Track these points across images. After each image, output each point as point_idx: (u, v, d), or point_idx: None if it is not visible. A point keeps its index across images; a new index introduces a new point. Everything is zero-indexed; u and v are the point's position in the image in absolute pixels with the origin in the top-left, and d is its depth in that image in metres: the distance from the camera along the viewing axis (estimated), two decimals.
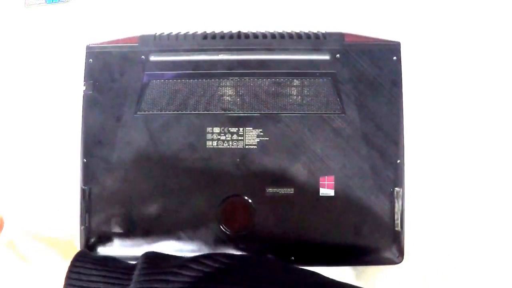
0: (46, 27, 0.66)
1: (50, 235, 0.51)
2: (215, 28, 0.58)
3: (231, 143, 0.55)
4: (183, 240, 0.54)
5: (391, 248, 0.55)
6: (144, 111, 0.55)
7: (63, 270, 0.45)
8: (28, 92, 0.65)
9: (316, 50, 0.56)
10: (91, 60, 0.57)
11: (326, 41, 0.56)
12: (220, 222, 0.54)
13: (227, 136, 0.55)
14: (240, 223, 0.54)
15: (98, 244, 0.55)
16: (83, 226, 0.55)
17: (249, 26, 0.58)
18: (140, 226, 0.55)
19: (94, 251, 0.55)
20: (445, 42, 0.64)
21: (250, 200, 0.54)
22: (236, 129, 0.55)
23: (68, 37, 0.65)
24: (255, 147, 0.55)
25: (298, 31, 0.57)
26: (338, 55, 0.55)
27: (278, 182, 0.54)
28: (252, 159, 0.54)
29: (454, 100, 0.64)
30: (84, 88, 0.56)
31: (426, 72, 0.64)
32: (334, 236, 0.54)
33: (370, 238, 0.54)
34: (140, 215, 0.55)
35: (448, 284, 0.61)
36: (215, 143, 0.55)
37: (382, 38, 0.57)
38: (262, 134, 0.55)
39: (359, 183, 0.54)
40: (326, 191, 0.54)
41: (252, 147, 0.55)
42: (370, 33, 0.57)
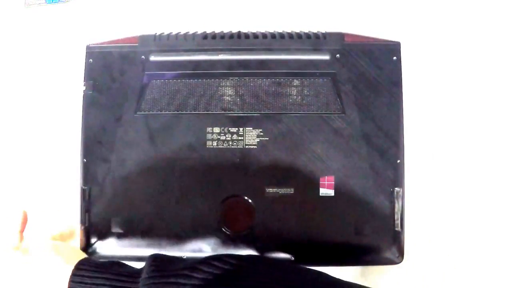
0: (46, 27, 0.66)
1: (53, 230, 0.51)
2: (215, 28, 0.58)
3: (231, 143, 0.55)
4: (183, 240, 0.54)
5: (391, 248, 0.55)
6: (144, 111, 0.55)
7: (66, 275, 0.45)
8: (28, 92, 0.65)
9: (316, 50, 0.56)
10: (91, 60, 0.57)
11: (326, 41, 0.56)
12: (220, 222, 0.54)
13: (227, 136, 0.55)
14: (240, 223, 0.54)
15: (98, 244, 0.55)
16: (83, 226, 0.55)
17: (249, 26, 0.58)
18: (140, 226, 0.55)
19: (94, 251, 0.55)
20: (445, 42, 0.64)
21: (250, 200, 0.54)
22: (236, 129, 0.55)
23: (68, 37, 0.66)
24: (255, 147, 0.55)
25: (298, 31, 0.57)
26: (338, 55, 0.55)
27: (278, 182, 0.54)
28: (252, 159, 0.54)
29: (454, 100, 0.64)
30: (84, 88, 0.56)
31: (426, 72, 0.64)
32: (334, 236, 0.54)
33: (370, 238, 0.54)
34: (140, 215, 0.55)
35: (448, 284, 0.61)
36: (215, 143, 0.55)
37: (382, 38, 0.57)
38: (262, 134, 0.55)
39: (359, 183, 0.54)
40: (326, 191, 0.54)
41: (252, 147, 0.55)
42: (370, 33, 0.57)
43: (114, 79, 0.56)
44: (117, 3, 0.66)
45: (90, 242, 0.55)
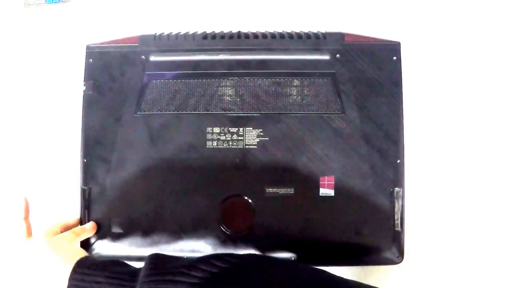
0: (46, 27, 0.66)
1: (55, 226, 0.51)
2: (215, 28, 0.58)
3: (231, 143, 0.55)
4: (183, 240, 0.54)
5: (391, 248, 0.55)
6: (144, 111, 0.55)
7: (66, 273, 0.45)
8: (28, 92, 0.65)
9: (316, 50, 0.56)
10: (91, 60, 0.57)
11: (326, 41, 0.56)
12: (220, 222, 0.54)
13: (227, 136, 0.55)
14: (240, 223, 0.54)
15: (98, 244, 0.55)
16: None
17: (249, 26, 0.58)
18: (140, 226, 0.55)
19: (94, 250, 0.55)
20: (445, 42, 0.64)
21: (250, 200, 0.54)
22: (236, 129, 0.55)
23: (68, 37, 0.66)
24: (255, 147, 0.55)
25: (298, 31, 0.57)
26: (338, 55, 0.55)
27: (278, 182, 0.54)
28: (252, 159, 0.54)
29: (454, 100, 0.64)
30: (84, 88, 0.56)
31: (426, 72, 0.64)
32: (334, 236, 0.54)
33: (370, 238, 0.54)
34: (140, 215, 0.55)
35: (448, 284, 0.61)
36: (215, 143, 0.55)
37: (382, 38, 0.57)
38: (262, 134, 0.55)
39: (359, 183, 0.54)
40: (326, 191, 0.54)
41: (252, 147, 0.55)
42: (370, 33, 0.57)
43: (114, 79, 0.56)
44: (117, 3, 0.66)
45: (90, 242, 0.55)
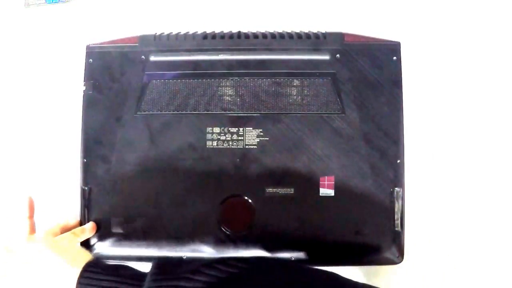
0: (46, 27, 0.66)
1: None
2: (215, 28, 0.58)
3: (231, 143, 0.55)
4: (183, 239, 0.54)
5: (391, 248, 0.55)
6: (144, 111, 0.55)
7: (73, 277, 0.45)
8: (28, 92, 0.65)
9: (316, 50, 0.56)
10: (91, 60, 0.57)
11: (326, 41, 0.56)
12: (220, 222, 0.54)
13: (227, 136, 0.55)
14: (240, 223, 0.54)
15: (98, 244, 0.55)
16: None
17: (249, 26, 0.58)
18: (140, 226, 0.55)
19: (94, 251, 0.55)
20: (445, 42, 0.64)
21: (250, 200, 0.54)
22: (236, 129, 0.55)
23: (68, 37, 0.65)
24: (255, 147, 0.55)
25: (298, 31, 0.57)
26: (338, 55, 0.55)
27: (278, 182, 0.54)
28: (252, 159, 0.54)
29: (454, 100, 0.64)
30: (84, 88, 0.56)
31: (426, 72, 0.64)
32: (334, 236, 0.54)
33: (370, 238, 0.54)
34: (140, 215, 0.55)
35: (448, 284, 0.61)
36: (215, 143, 0.55)
37: (382, 38, 0.57)
38: (262, 134, 0.55)
39: (359, 183, 0.54)
40: (326, 191, 0.54)
41: (252, 147, 0.55)
42: (370, 33, 0.57)
43: (114, 79, 0.56)
44: (117, 3, 0.66)
45: (90, 242, 0.55)
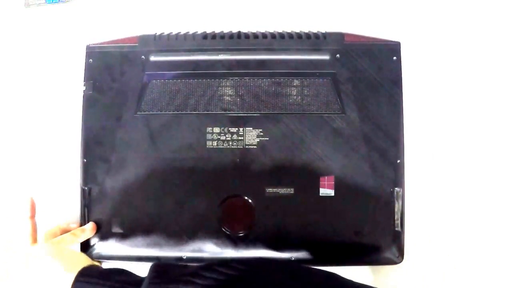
0: (46, 27, 0.66)
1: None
2: (215, 28, 0.58)
3: (231, 143, 0.55)
4: (183, 239, 0.54)
5: (391, 248, 0.55)
6: (144, 111, 0.55)
7: (68, 282, 0.45)
8: (28, 92, 0.65)
9: (316, 50, 0.56)
10: (91, 60, 0.57)
11: (326, 41, 0.56)
12: (220, 222, 0.54)
13: (227, 136, 0.55)
14: (240, 223, 0.54)
15: (98, 244, 0.55)
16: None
17: (249, 26, 0.58)
18: (140, 226, 0.55)
19: (94, 251, 0.55)
20: (445, 42, 0.64)
21: (250, 200, 0.54)
22: (236, 129, 0.55)
23: (68, 37, 0.65)
24: (255, 147, 0.55)
25: (298, 31, 0.57)
26: (338, 55, 0.55)
27: (278, 182, 0.54)
28: (252, 159, 0.54)
29: (454, 100, 0.64)
30: (84, 88, 0.56)
31: (426, 72, 0.64)
32: (334, 236, 0.54)
33: (370, 238, 0.54)
34: (140, 215, 0.55)
35: (448, 284, 0.61)
36: (215, 143, 0.55)
37: (382, 38, 0.57)
38: (262, 134, 0.55)
39: (359, 183, 0.54)
40: (326, 191, 0.54)
41: (252, 147, 0.55)
42: (370, 33, 0.57)
43: (114, 79, 0.56)
44: (117, 3, 0.66)
45: (90, 243, 0.55)
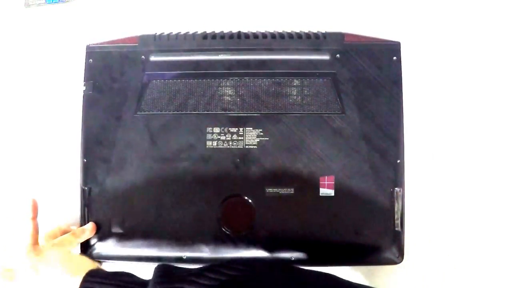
0: (46, 27, 0.66)
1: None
2: (215, 28, 0.58)
3: (231, 143, 0.55)
4: (183, 240, 0.54)
5: (391, 248, 0.55)
6: (144, 111, 0.55)
7: (75, 286, 0.45)
8: (28, 92, 0.65)
9: (316, 50, 0.56)
10: (91, 60, 0.57)
11: (326, 41, 0.56)
12: (220, 222, 0.54)
13: (227, 136, 0.55)
14: (240, 223, 0.54)
15: (98, 244, 0.55)
16: None
17: (249, 26, 0.58)
18: (140, 226, 0.55)
19: (94, 251, 0.55)
20: (445, 42, 0.64)
21: (250, 200, 0.54)
22: (236, 129, 0.55)
23: (68, 37, 0.65)
24: (255, 147, 0.55)
25: (298, 31, 0.57)
26: (338, 55, 0.55)
27: (278, 182, 0.54)
28: (252, 159, 0.54)
29: (454, 100, 0.64)
30: (84, 88, 0.56)
31: (426, 72, 0.64)
32: (334, 236, 0.54)
33: (370, 238, 0.54)
34: (140, 215, 0.55)
35: (448, 284, 0.61)
36: (215, 143, 0.55)
37: (382, 38, 0.57)
38: (262, 134, 0.55)
39: (359, 183, 0.54)
40: (326, 191, 0.54)
41: (252, 147, 0.55)
42: (370, 33, 0.57)
43: (114, 79, 0.56)
44: (117, 3, 0.66)
45: (90, 243, 0.55)
